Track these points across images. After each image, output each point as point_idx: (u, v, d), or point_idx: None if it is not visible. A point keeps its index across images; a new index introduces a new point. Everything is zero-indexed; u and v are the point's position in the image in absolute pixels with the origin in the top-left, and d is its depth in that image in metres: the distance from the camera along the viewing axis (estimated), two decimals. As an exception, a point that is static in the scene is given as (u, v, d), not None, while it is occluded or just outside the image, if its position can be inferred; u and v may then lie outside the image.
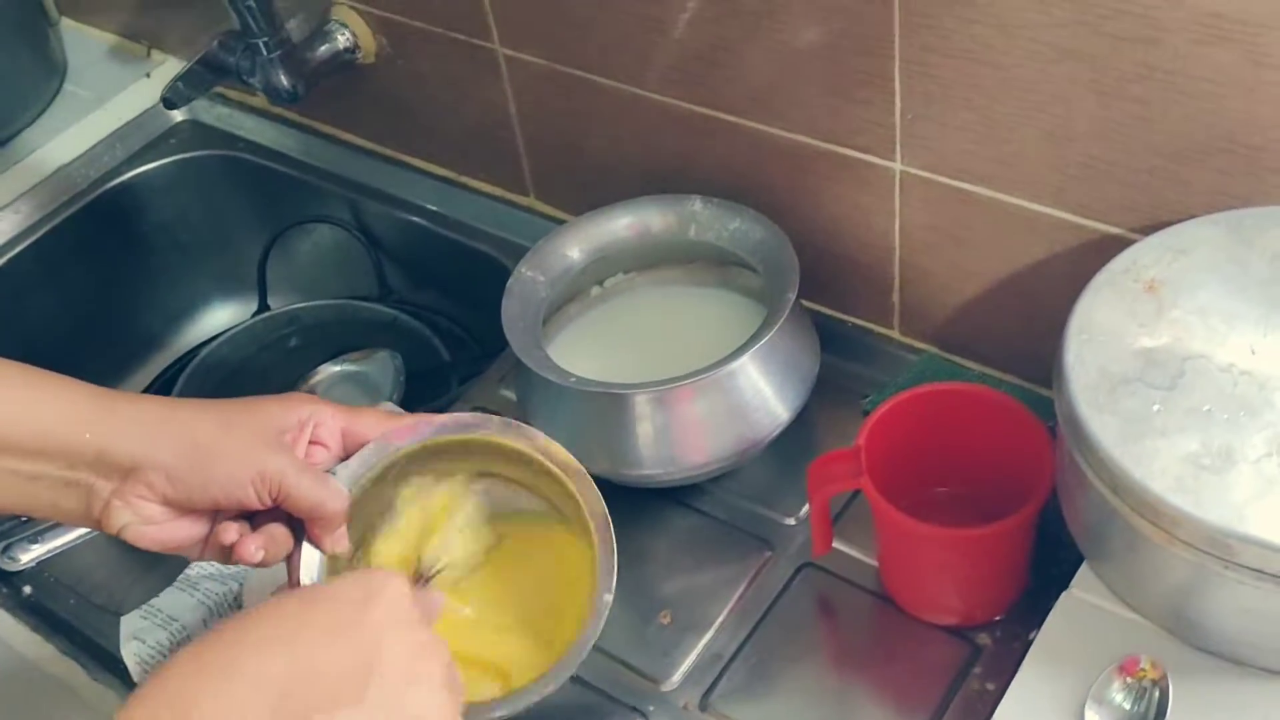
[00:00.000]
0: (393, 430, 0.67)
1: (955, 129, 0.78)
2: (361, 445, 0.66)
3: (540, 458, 0.68)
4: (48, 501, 0.61)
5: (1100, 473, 0.58)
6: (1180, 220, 0.70)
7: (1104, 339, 0.62)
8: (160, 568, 0.95)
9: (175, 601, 0.80)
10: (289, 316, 1.17)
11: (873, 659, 0.77)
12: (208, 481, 0.60)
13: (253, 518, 0.63)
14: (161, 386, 1.17)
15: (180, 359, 1.19)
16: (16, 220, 1.15)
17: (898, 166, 0.82)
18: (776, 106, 0.85)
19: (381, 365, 1.09)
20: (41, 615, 0.86)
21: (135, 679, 0.78)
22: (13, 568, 0.90)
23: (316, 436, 0.65)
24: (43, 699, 0.80)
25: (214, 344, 1.14)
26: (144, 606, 0.80)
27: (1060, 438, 0.63)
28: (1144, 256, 0.65)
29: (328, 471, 0.65)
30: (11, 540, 0.91)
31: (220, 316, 1.24)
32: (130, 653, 0.78)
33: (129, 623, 0.79)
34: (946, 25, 0.73)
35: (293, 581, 0.63)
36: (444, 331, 1.13)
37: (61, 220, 1.15)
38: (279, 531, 0.63)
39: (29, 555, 0.91)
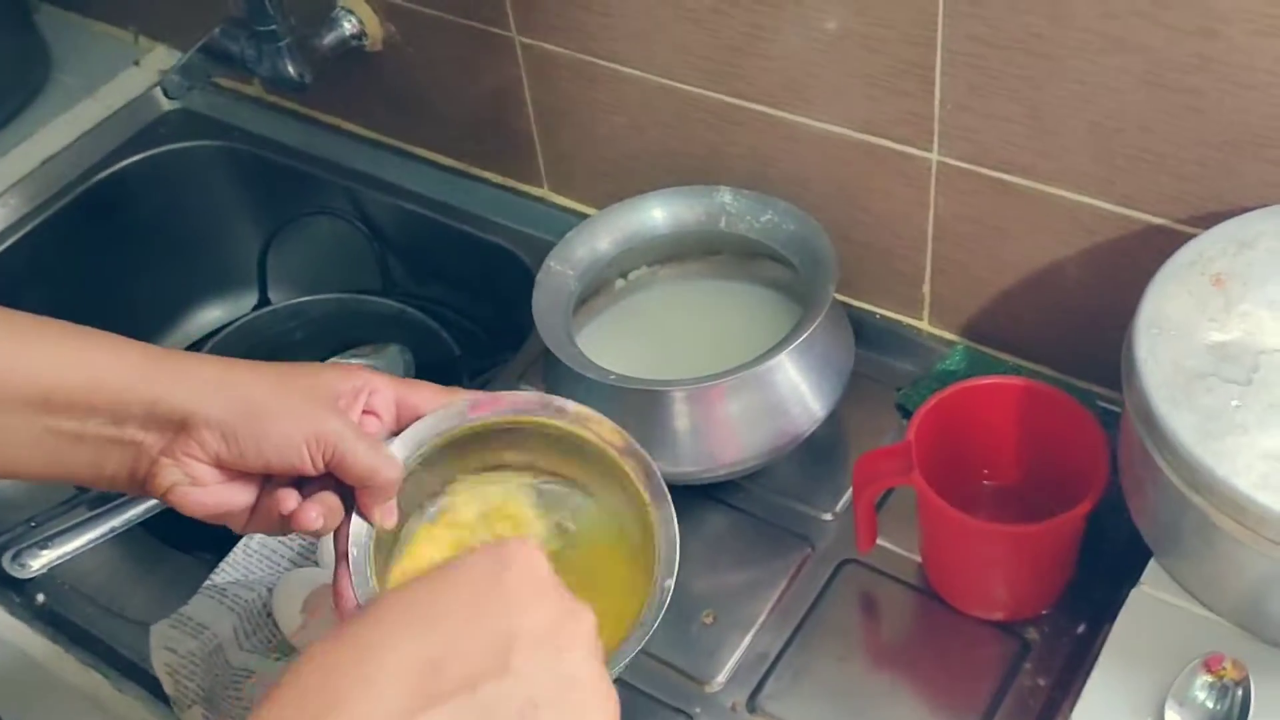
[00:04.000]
0: (451, 406, 0.64)
1: (998, 120, 0.77)
2: (415, 418, 0.64)
3: (603, 445, 0.66)
4: (89, 463, 0.58)
5: (1178, 469, 0.58)
6: (1231, 212, 0.69)
7: (1174, 334, 0.61)
8: (168, 572, 0.92)
9: (205, 609, 0.78)
10: (291, 310, 1.14)
11: (920, 655, 0.77)
12: (261, 440, 0.58)
13: (302, 486, 0.61)
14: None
15: (179, 355, 1.16)
16: (5, 214, 1.11)
17: (934, 157, 0.81)
18: (809, 95, 0.84)
19: (391, 360, 1.07)
20: (59, 625, 0.83)
21: (167, 690, 0.75)
22: (23, 574, 0.87)
23: (370, 406, 0.63)
24: (66, 711, 0.78)
25: (216, 339, 1.11)
26: (173, 615, 0.77)
27: (1130, 433, 0.62)
28: (1209, 249, 0.65)
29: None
30: (21, 546, 0.88)
31: (216, 312, 1.20)
32: (161, 662, 0.76)
33: (159, 632, 0.77)
34: (995, 14, 0.73)
35: (339, 552, 0.61)
36: (452, 325, 1.11)
37: (52, 213, 1.11)
38: (333, 500, 0.60)
39: (39, 561, 0.88)
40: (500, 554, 0.48)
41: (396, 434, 0.63)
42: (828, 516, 0.83)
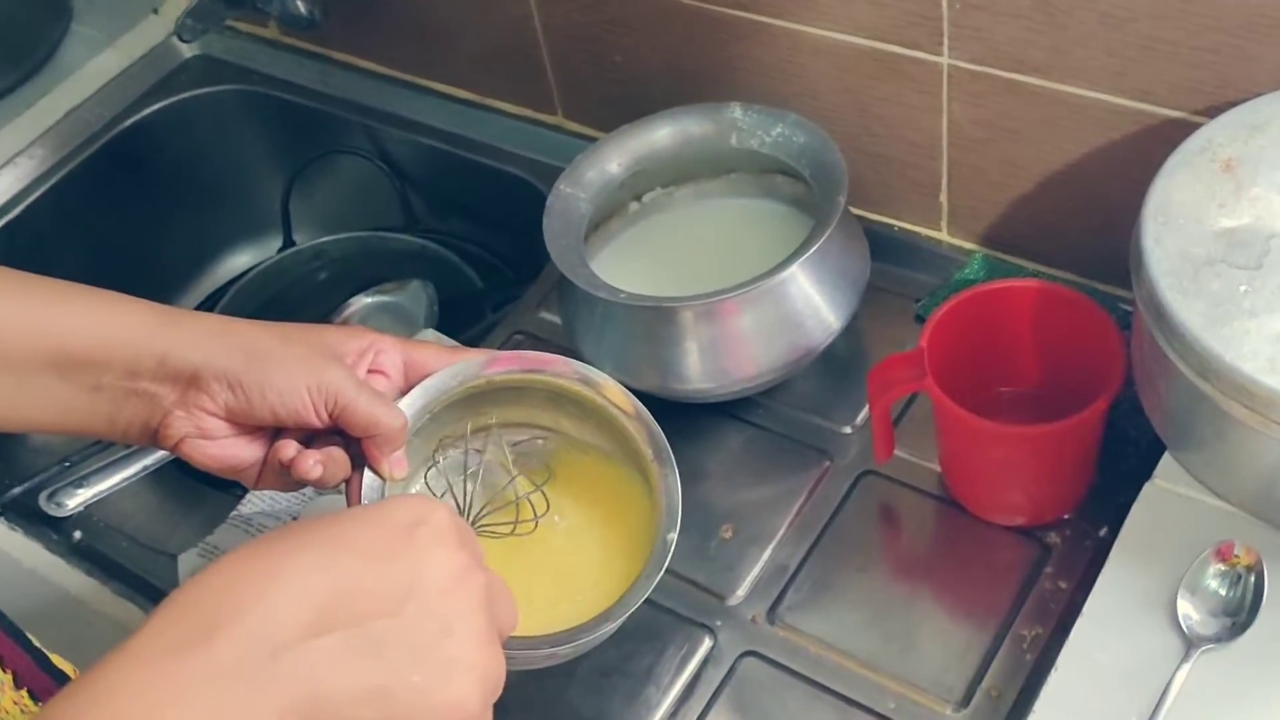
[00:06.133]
0: (457, 364, 0.65)
1: (1007, 17, 0.75)
2: (423, 377, 0.65)
3: (599, 399, 0.67)
4: (105, 415, 0.60)
5: (1187, 357, 0.57)
6: (1246, 100, 0.67)
7: (1183, 221, 0.60)
8: (201, 509, 0.94)
9: (231, 539, 0.79)
10: (315, 250, 1.15)
11: (940, 563, 0.76)
12: (266, 388, 0.59)
13: (311, 442, 0.62)
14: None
15: (208, 298, 1.18)
16: (32, 165, 1.12)
17: (945, 61, 0.80)
18: (816, 5, 0.83)
19: (414, 295, 1.07)
20: (94, 559, 0.85)
21: (196, 616, 0.77)
22: (59, 513, 0.89)
23: (377, 365, 0.64)
24: (101, 641, 0.80)
25: (242, 281, 1.12)
26: (200, 544, 0.79)
27: (1140, 325, 0.61)
28: (1218, 135, 0.63)
29: None
30: (56, 486, 0.90)
31: (244, 254, 1.22)
32: (189, 590, 0.77)
33: (187, 561, 0.78)
34: (998, -93, 0.71)
35: (351, 507, 0.62)
36: (474, 258, 1.11)
37: (78, 163, 1.13)
38: (337, 453, 0.62)
39: (75, 500, 0.90)
40: (414, 509, 0.49)
41: (404, 393, 0.64)
42: (847, 430, 0.83)
